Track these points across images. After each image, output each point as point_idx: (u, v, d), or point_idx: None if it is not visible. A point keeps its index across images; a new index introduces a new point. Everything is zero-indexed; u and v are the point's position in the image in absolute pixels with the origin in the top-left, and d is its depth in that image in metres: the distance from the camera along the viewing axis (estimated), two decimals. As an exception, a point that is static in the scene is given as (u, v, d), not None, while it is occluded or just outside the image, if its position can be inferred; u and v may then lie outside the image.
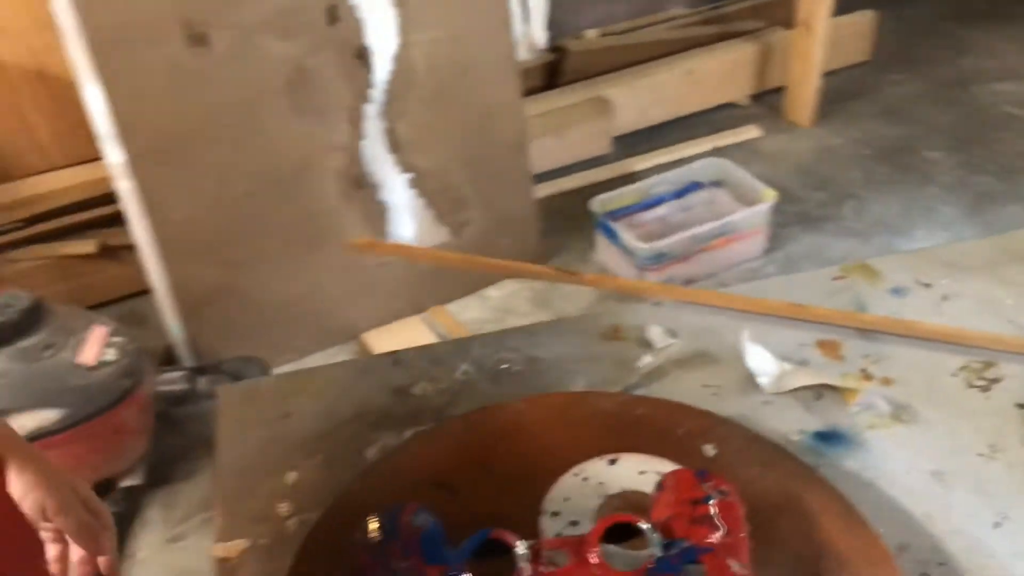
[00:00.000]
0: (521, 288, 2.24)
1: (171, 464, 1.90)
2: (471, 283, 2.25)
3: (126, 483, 1.81)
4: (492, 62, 2.08)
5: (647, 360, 0.84)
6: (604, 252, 2.28)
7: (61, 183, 2.23)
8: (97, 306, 2.12)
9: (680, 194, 2.35)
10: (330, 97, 1.94)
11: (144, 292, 2.20)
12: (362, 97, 1.97)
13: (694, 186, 2.37)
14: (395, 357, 0.88)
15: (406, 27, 1.95)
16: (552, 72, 2.65)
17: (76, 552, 0.77)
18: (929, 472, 0.75)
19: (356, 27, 1.91)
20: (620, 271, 2.22)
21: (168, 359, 2.04)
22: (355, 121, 1.98)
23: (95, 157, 2.29)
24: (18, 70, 2.17)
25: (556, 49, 2.66)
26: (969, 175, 2.50)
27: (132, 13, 1.69)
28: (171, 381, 1.83)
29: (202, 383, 1.83)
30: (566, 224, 2.40)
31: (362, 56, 1.94)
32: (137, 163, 1.80)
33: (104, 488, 1.79)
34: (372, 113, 1.99)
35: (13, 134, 2.23)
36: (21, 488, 0.73)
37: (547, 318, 2.13)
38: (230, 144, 1.87)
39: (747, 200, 2.30)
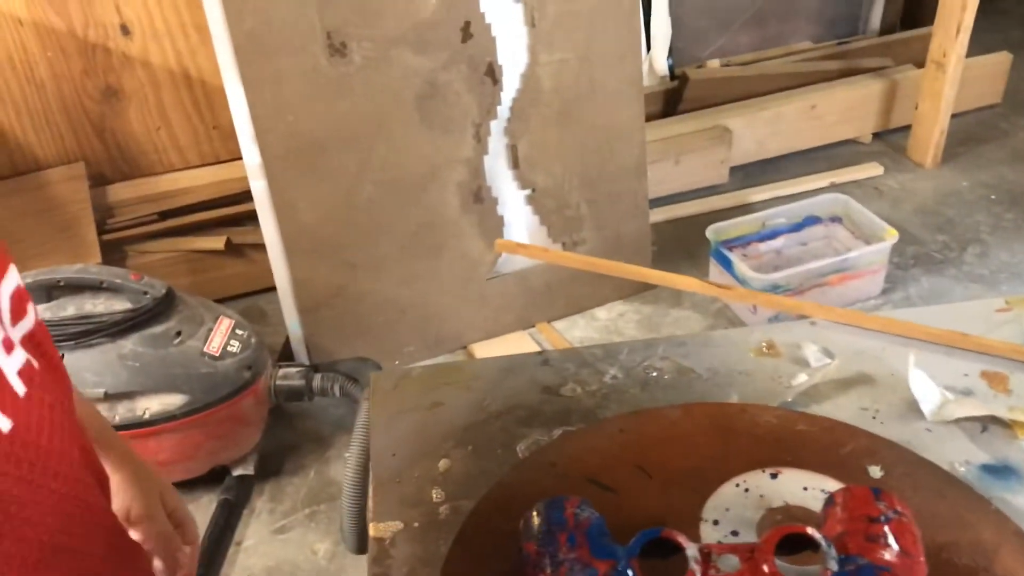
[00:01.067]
0: (629, 311, 2.23)
1: (281, 457, 1.95)
2: (579, 302, 2.25)
3: (238, 472, 1.86)
4: (618, 85, 2.10)
5: (802, 378, 0.82)
6: (716, 280, 2.25)
7: (194, 181, 2.33)
8: (220, 300, 2.19)
9: (797, 228, 2.32)
10: (458, 111, 1.98)
11: (265, 290, 2.29)
12: (489, 113, 2.01)
13: (812, 220, 2.33)
14: (543, 357, 0.89)
15: (536, 47, 1.98)
16: (672, 99, 2.65)
17: (156, 561, 0.75)
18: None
19: (488, 45, 1.94)
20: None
21: (285, 355, 2.10)
22: (480, 136, 2.02)
23: (227, 158, 2.41)
24: (164, 71, 2.28)
25: (677, 77, 2.66)
26: (1104, 226, 2.40)
27: (278, 22, 1.76)
28: (288, 376, 1.88)
29: (317, 381, 1.88)
30: (679, 250, 2.38)
31: (492, 73, 1.98)
32: (271, 164, 1.87)
33: (218, 476, 1.85)
34: (497, 129, 2.03)
35: (155, 132, 2.34)
36: (112, 488, 0.71)
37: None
38: (359, 151, 1.93)
39: (866, 238, 2.25)
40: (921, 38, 2.66)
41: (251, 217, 2.23)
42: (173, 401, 1.74)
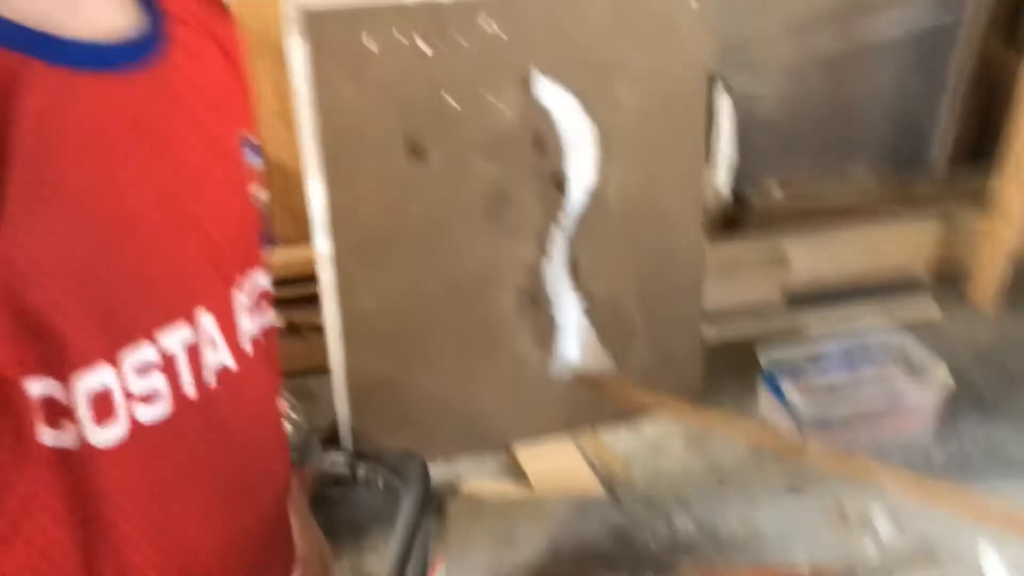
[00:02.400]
0: (676, 429, 2.23)
1: (317, 544, 1.94)
2: (626, 414, 2.25)
3: (274, 555, 1.86)
4: (681, 205, 2.14)
5: (871, 549, 0.83)
6: (766, 406, 2.25)
7: (262, 259, 2.40)
8: (273, 378, 2.23)
9: (850, 360, 2.31)
10: (524, 217, 2.03)
11: (317, 371, 2.32)
12: (553, 221, 2.06)
13: (866, 355, 2.32)
14: (613, 496, 0.90)
15: (605, 163, 2.04)
16: (731, 220, 2.69)
17: None
18: None
19: (559, 157, 2.01)
20: (780, 428, 2.19)
21: (330, 438, 2.12)
22: (542, 242, 2.07)
23: (295, 241, 2.47)
24: (245, 154, 2.37)
25: (737, 197, 2.71)
26: None
27: (364, 123, 1.84)
28: (334, 463, 1.90)
29: (362, 470, 1.90)
30: (729, 370, 2.39)
31: (559, 184, 2.03)
32: (341, 255, 1.93)
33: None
34: (559, 237, 2.07)
35: (230, 209, 2.43)
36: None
37: (701, 462, 2.11)
38: (425, 248, 1.98)
39: (919, 378, 2.24)
40: (985, 179, 2.68)
41: (311, 299, 2.28)
42: (221, 478, 1.76)
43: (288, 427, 1.84)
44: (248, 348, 0.62)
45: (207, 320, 0.57)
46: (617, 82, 1.98)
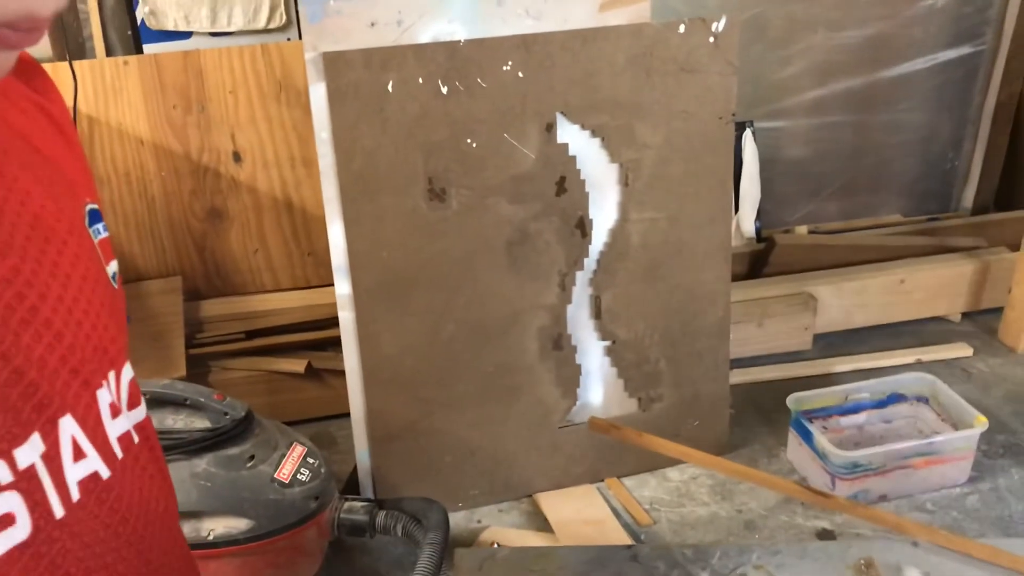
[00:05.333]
0: (702, 475, 2.18)
1: (336, 593, 1.91)
2: (651, 461, 2.20)
3: (292, 605, 1.83)
4: (706, 246, 2.11)
5: (903, 603, 0.78)
6: (795, 451, 2.19)
7: (283, 304, 2.40)
8: (293, 423, 2.22)
9: (881, 404, 2.26)
10: (546, 260, 2.01)
11: (337, 416, 2.31)
12: (575, 264, 2.03)
13: (897, 398, 2.27)
14: (632, 552, 0.87)
15: (628, 205, 2.02)
16: (758, 262, 2.66)
17: None
18: None
19: (581, 199, 1.99)
20: (809, 474, 2.13)
21: (351, 484, 2.09)
22: (565, 285, 2.04)
23: (317, 284, 2.48)
24: (268, 198, 2.39)
25: (764, 239, 2.68)
26: None
27: (384, 165, 1.84)
28: (352, 511, 1.87)
29: (381, 518, 1.86)
30: (757, 415, 2.34)
31: (582, 226, 2.02)
32: (361, 297, 1.92)
33: (271, 606, 1.82)
34: (582, 280, 2.05)
35: (252, 254, 2.44)
36: None
37: (728, 510, 2.06)
38: (446, 291, 1.96)
39: (953, 421, 2.17)
40: (1016, 221, 2.64)
41: (333, 343, 2.28)
42: (238, 525, 1.74)
43: (308, 473, 1.82)
44: (119, 451, 0.56)
45: (68, 429, 0.51)
46: (639, 123, 1.97)
